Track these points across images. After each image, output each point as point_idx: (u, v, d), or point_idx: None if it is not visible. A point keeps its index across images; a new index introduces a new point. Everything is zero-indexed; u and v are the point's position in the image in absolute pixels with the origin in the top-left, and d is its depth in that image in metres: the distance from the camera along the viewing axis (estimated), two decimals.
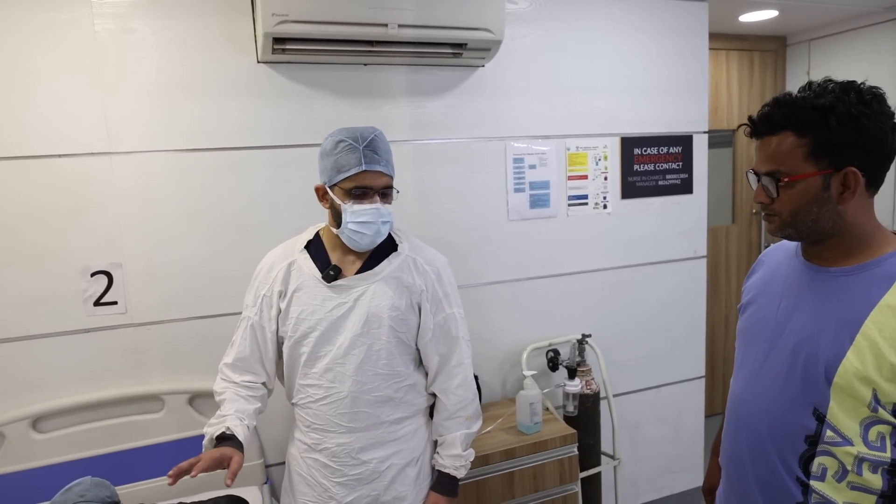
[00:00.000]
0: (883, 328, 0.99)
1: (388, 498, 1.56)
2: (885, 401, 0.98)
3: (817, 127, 1.02)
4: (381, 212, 1.47)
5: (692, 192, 2.69)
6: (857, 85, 1.04)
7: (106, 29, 1.87)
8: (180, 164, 1.98)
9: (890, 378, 0.98)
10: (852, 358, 1.01)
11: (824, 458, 1.05)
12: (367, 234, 1.47)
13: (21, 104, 1.82)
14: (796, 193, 1.05)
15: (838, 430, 1.03)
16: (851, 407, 1.01)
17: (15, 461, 1.87)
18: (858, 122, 1.00)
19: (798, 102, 1.04)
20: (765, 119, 1.08)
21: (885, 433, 1.00)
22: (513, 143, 2.37)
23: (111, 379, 1.97)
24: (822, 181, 1.03)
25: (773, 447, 1.12)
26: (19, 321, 1.88)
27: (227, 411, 1.47)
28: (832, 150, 1.02)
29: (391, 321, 1.51)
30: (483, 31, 2.00)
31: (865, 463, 1.01)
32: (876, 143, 1.02)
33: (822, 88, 1.05)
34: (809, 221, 1.07)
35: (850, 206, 1.04)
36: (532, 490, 2.10)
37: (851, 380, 1.00)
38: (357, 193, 1.45)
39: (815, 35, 3.37)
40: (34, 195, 1.85)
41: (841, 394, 1.02)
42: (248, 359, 1.55)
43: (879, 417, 1.00)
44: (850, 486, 1.03)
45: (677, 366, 2.78)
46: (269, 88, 2.04)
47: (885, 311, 1.00)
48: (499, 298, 2.42)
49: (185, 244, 2.01)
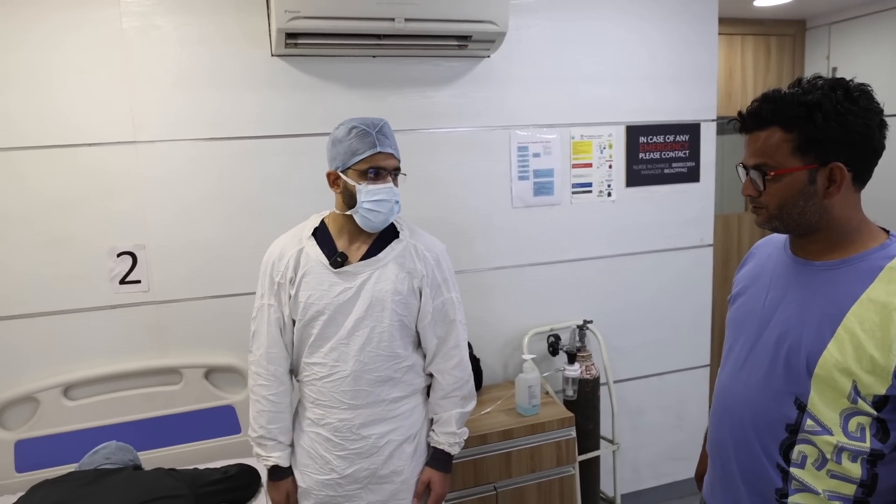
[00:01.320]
0: (864, 321, 1.01)
1: (386, 472, 1.64)
2: (865, 392, 1.00)
3: (803, 123, 1.03)
4: (394, 191, 1.56)
5: (699, 181, 2.71)
6: (845, 82, 1.05)
7: (132, 26, 1.99)
8: (200, 152, 2.09)
9: (869, 370, 0.99)
10: (833, 350, 1.03)
11: (804, 446, 1.08)
12: (382, 212, 1.55)
13: (54, 96, 1.95)
14: (783, 187, 1.07)
15: (818, 419, 1.05)
16: (832, 398, 1.03)
17: (48, 425, 2.03)
18: (844, 118, 1.01)
19: (785, 98, 1.06)
20: (753, 114, 1.10)
21: (865, 424, 1.02)
22: (517, 132, 2.42)
23: (134, 352, 2.11)
24: (807, 175, 1.05)
25: (755, 435, 1.14)
26: (53, 297, 2.03)
27: (271, 434, 1.64)
28: (818, 146, 1.03)
29: (394, 305, 1.59)
30: (487, 23, 2.05)
31: (845, 452, 1.04)
32: (862, 140, 1.03)
33: (811, 85, 1.06)
34: (795, 214, 1.08)
35: (836, 200, 1.05)
36: (529, 470, 2.17)
37: (832, 371, 1.02)
38: (372, 174, 1.54)
39: (836, 18, 3.27)
40: (66, 181, 1.99)
41: (821, 384, 1.04)
42: (275, 347, 1.64)
43: (859, 408, 1.01)
44: (829, 475, 1.06)
45: (681, 354, 2.81)
46: (282, 80, 2.13)
47: (867, 304, 1.02)
48: (502, 283, 2.49)
49: (204, 228, 2.13)
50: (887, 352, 0.98)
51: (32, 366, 2.03)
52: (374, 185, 1.54)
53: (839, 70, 3.31)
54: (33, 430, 2.02)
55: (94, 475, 1.71)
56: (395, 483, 1.66)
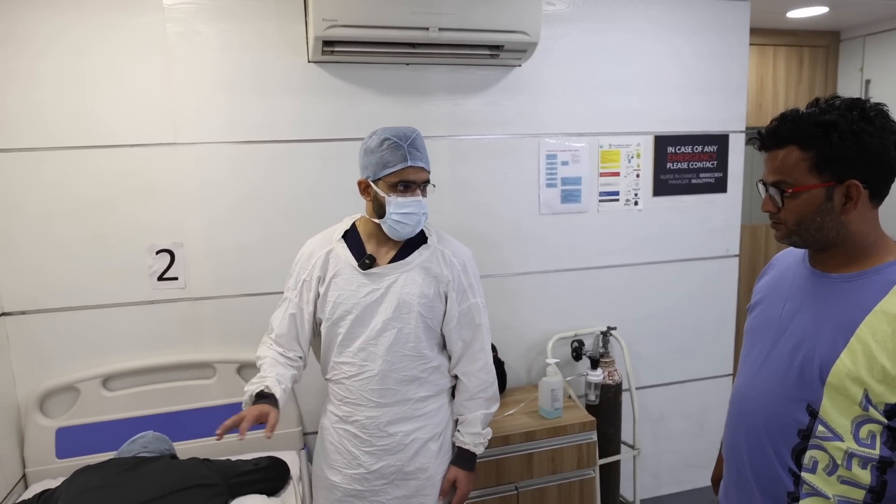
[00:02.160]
0: (876, 332, 1.04)
1: (412, 469, 1.70)
2: (877, 401, 1.03)
3: (820, 142, 1.07)
4: (422, 203, 1.61)
5: (726, 191, 2.72)
6: (861, 102, 1.09)
7: (175, 32, 2.06)
8: (238, 154, 2.16)
9: (881, 379, 1.03)
10: (846, 359, 1.06)
11: (815, 451, 1.11)
12: (409, 224, 1.61)
13: (102, 98, 2.03)
14: (800, 203, 1.11)
15: (830, 426, 1.08)
16: (844, 405, 1.07)
17: (88, 414, 2.11)
18: (860, 137, 1.05)
19: (803, 118, 1.10)
20: (772, 133, 1.14)
21: (876, 432, 1.05)
22: (546, 140, 2.45)
23: (170, 346, 2.18)
24: (824, 193, 1.09)
25: (768, 440, 1.18)
26: (95, 291, 2.11)
27: (266, 373, 1.63)
28: (834, 164, 1.07)
29: (420, 307, 1.64)
30: (519, 33, 2.09)
31: (855, 458, 1.07)
32: (878, 158, 1.06)
33: (829, 105, 1.10)
34: (813, 230, 1.12)
35: (853, 216, 1.09)
36: (550, 472, 2.21)
37: (844, 380, 1.06)
38: (401, 187, 1.59)
39: (871, 30, 3.25)
40: (108, 180, 2.07)
41: (834, 392, 1.08)
42: (286, 336, 1.71)
43: (870, 416, 1.04)
44: (840, 480, 1.09)
45: (704, 362, 2.82)
46: (319, 86, 2.19)
47: (880, 316, 1.05)
48: (528, 289, 2.53)
49: (240, 228, 2.19)
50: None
51: (73, 357, 2.10)
52: (403, 197, 1.58)
53: (873, 82, 3.27)
54: (73, 419, 2.09)
55: (134, 462, 1.78)
56: (421, 479, 1.71)
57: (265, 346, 1.74)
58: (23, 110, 1.97)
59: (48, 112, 1.98)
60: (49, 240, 2.04)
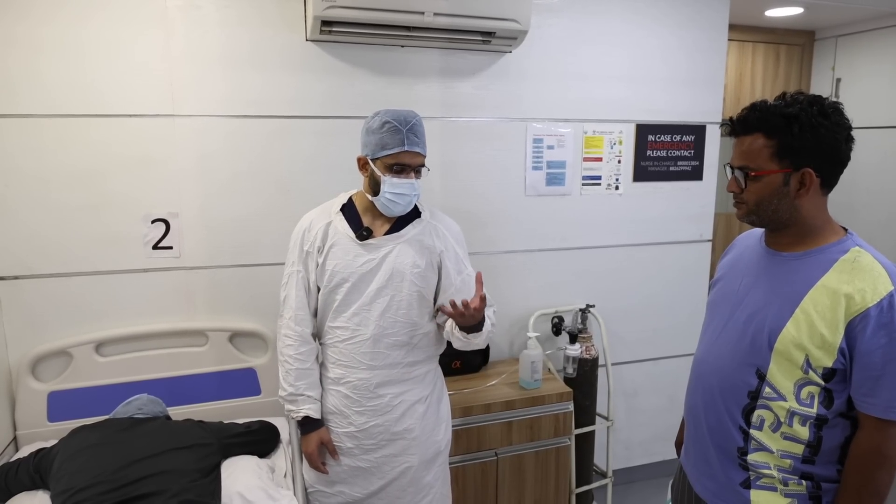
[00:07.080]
0: (817, 304, 1.18)
1: (399, 429, 1.79)
2: (816, 365, 1.18)
3: (783, 131, 1.20)
4: (415, 185, 1.71)
5: (702, 179, 2.84)
6: (822, 99, 1.22)
7: (176, 5, 2.09)
8: (235, 128, 2.20)
9: (819, 346, 1.17)
10: (791, 328, 1.20)
11: (763, 410, 1.26)
12: (401, 203, 1.71)
13: (102, 68, 2.05)
14: (761, 186, 1.24)
15: (775, 387, 1.23)
16: (788, 369, 1.22)
17: (80, 379, 2.13)
18: (817, 130, 1.18)
19: (770, 109, 1.23)
20: (741, 121, 1.27)
21: (815, 393, 1.20)
22: (534, 125, 2.55)
23: (163, 314, 2.22)
24: (782, 178, 1.22)
25: (721, 400, 1.32)
26: (90, 258, 2.13)
27: (298, 388, 1.76)
28: (793, 153, 1.20)
29: (412, 276, 1.74)
30: (511, 21, 2.17)
31: (796, 416, 1.22)
32: (831, 150, 1.20)
33: (793, 99, 1.22)
34: (770, 211, 1.25)
35: (805, 201, 1.23)
36: (528, 439, 2.32)
37: (789, 346, 1.20)
38: (397, 169, 1.68)
39: (843, 31, 3.39)
40: (107, 149, 2.09)
41: (780, 358, 1.22)
42: (303, 311, 1.79)
43: (810, 379, 1.19)
44: (783, 436, 1.24)
45: (676, 341, 2.95)
46: (316, 64, 2.25)
47: (821, 290, 1.19)
48: (512, 267, 2.63)
49: (235, 200, 2.24)
50: (834, 331, 1.16)
51: (67, 322, 2.12)
52: (397, 178, 1.68)
53: (843, 81, 3.42)
54: (66, 383, 2.11)
55: (130, 422, 1.84)
56: (407, 440, 1.80)
57: (285, 334, 1.79)
58: (23, 76, 1.98)
59: (48, 79, 2.00)
60: (45, 206, 2.06)
